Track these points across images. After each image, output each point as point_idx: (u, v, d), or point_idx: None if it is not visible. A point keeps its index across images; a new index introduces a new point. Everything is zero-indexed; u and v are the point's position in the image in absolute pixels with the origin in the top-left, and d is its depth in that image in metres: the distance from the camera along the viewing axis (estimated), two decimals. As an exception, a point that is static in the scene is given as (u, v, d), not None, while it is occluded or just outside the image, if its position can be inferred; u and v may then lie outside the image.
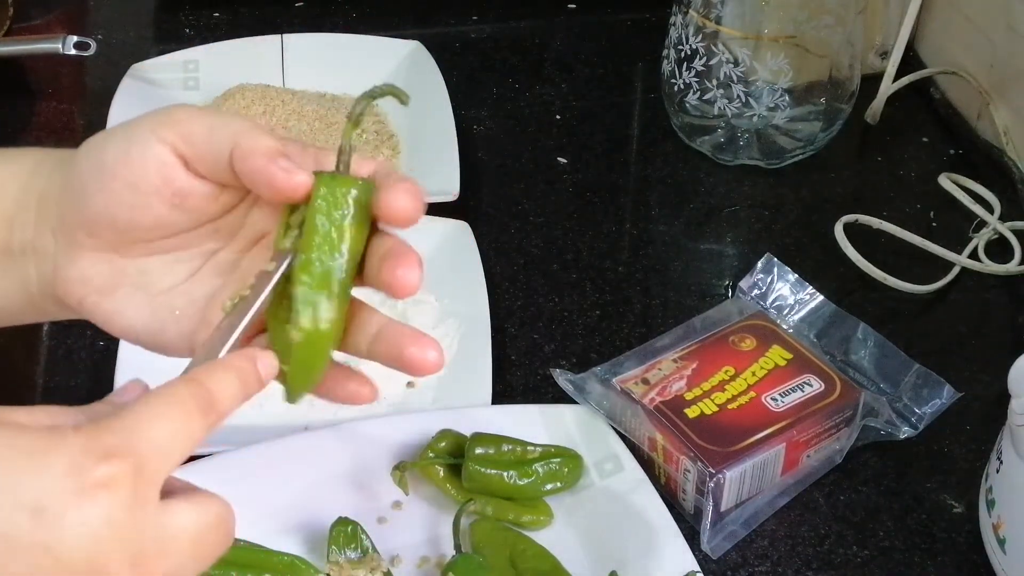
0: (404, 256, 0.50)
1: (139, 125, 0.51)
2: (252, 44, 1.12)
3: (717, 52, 0.98)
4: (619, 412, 0.78)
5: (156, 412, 0.43)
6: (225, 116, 0.51)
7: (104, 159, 0.51)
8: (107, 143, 0.51)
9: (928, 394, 0.81)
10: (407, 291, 0.49)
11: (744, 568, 0.74)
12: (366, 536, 0.71)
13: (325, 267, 0.49)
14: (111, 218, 0.51)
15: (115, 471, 0.40)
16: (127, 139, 0.51)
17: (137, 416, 0.43)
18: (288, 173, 0.49)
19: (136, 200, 0.51)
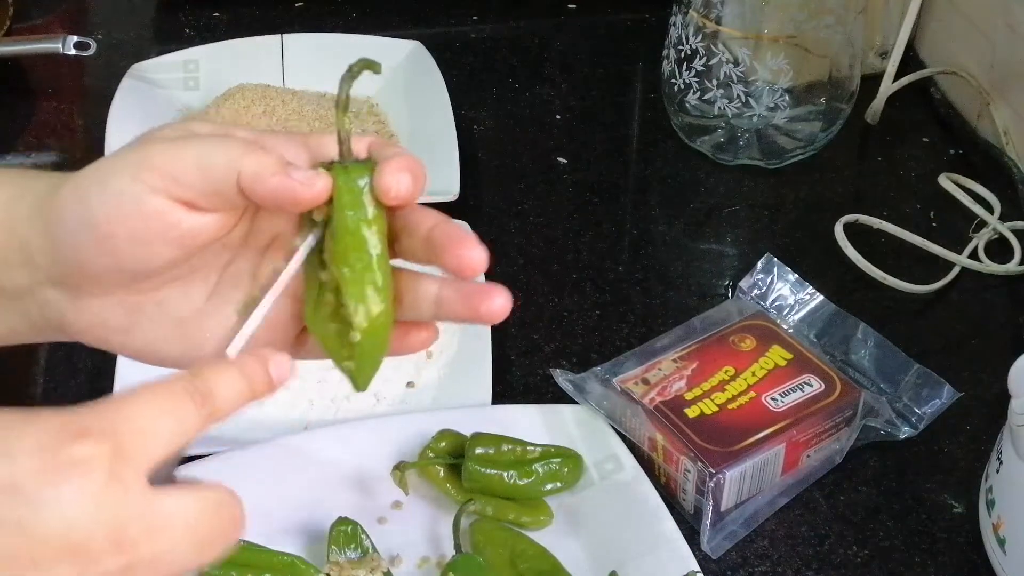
0: (460, 240, 0.49)
1: (119, 174, 0.48)
2: (252, 44, 1.12)
3: (717, 52, 0.98)
4: (619, 412, 0.78)
5: (143, 398, 0.42)
6: (206, 143, 0.48)
7: (93, 217, 0.48)
8: (89, 198, 0.48)
9: (928, 394, 0.81)
10: (477, 271, 0.49)
11: (744, 568, 0.74)
12: (366, 536, 0.71)
13: (363, 261, 0.49)
14: (117, 271, 0.49)
15: (90, 450, 0.39)
16: (114, 194, 0.48)
17: (121, 401, 0.42)
18: (308, 185, 0.47)
19: (142, 251, 0.49)
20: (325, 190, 0.48)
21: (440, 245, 0.49)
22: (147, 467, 0.41)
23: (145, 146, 0.49)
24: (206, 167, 0.47)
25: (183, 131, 0.51)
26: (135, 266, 0.49)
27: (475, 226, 0.93)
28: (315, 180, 0.48)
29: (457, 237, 0.49)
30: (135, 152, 0.49)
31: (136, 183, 0.47)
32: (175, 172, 0.47)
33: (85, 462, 0.39)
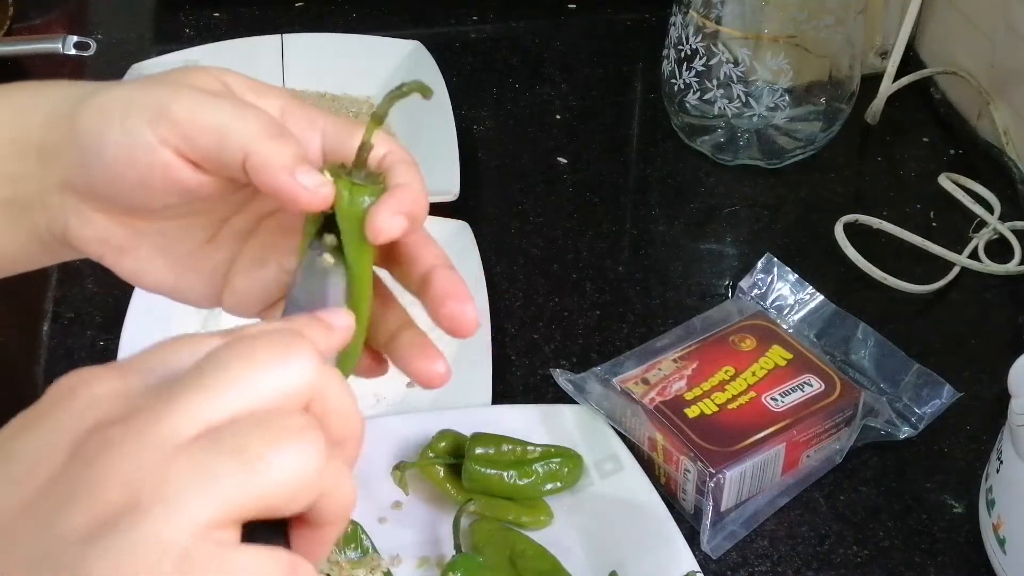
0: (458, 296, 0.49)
1: (138, 116, 0.48)
2: (252, 44, 1.12)
3: (717, 52, 0.98)
4: (619, 412, 0.78)
5: None
6: (229, 111, 0.48)
7: (105, 151, 0.48)
8: (105, 134, 0.48)
9: (928, 394, 0.81)
10: (468, 334, 0.49)
11: (744, 568, 0.74)
12: (366, 536, 0.71)
13: (355, 275, 0.48)
14: (121, 200, 0.50)
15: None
16: (128, 136, 0.48)
17: None
18: (310, 191, 0.47)
19: (145, 193, 0.49)
20: (326, 201, 0.47)
21: (438, 295, 0.49)
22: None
23: (172, 92, 0.49)
24: (222, 137, 0.47)
25: (216, 84, 0.50)
26: (137, 203, 0.50)
27: (475, 226, 0.93)
28: (319, 189, 0.47)
29: (455, 292, 0.49)
30: (161, 92, 0.48)
31: (151, 132, 0.47)
32: (191, 133, 0.47)
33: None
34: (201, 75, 0.51)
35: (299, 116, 0.51)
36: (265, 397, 0.38)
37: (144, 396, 0.38)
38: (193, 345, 0.40)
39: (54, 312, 0.88)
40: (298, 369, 0.39)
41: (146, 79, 0.51)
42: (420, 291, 0.50)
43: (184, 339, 0.41)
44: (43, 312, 0.89)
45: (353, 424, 0.42)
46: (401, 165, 0.50)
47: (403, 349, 0.51)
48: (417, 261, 0.50)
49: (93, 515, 0.35)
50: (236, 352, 0.38)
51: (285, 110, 0.51)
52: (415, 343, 0.51)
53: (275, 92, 0.52)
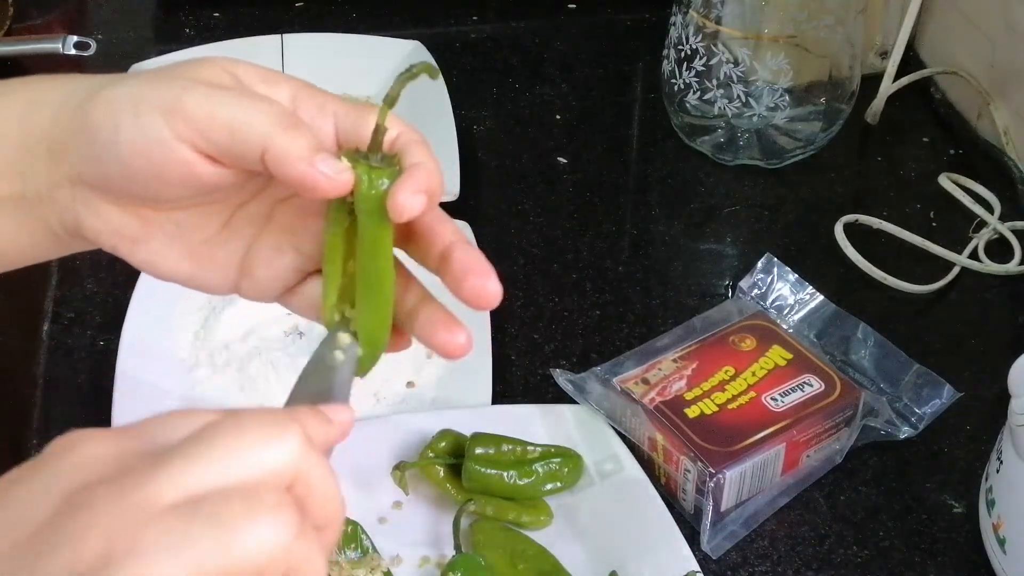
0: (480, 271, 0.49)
1: (151, 112, 0.48)
2: (252, 44, 1.11)
3: (717, 52, 0.98)
4: (619, 412, 0.78)
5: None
6: (243, 105, 0.48)
7: (120, 148, 0.48)
8: (120, 131, 0.48)
9: (928, 394, 0.81)
10: (492, 304, 0.49)
11: (744, 568, 0.74)
12: (366, 536, 0.71)
13: (374, 268, 0.49)
14: (136, 193, 0.50)
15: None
16: (142, 132, 0.48)
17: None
18: (331, 179, 0.47)
19: (161, 186, 0.49)
20: (347, 186, 0.48)
21: (458, 272, 0.49)
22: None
23: (183, 86, 0.49)
24: (237, 131, 0.47)
25: (226, 76, 0.51)
26: (152, 195, 0.50)
27: (475, 226, 0.93)
28: (339, 175, 0.47)
29: (476, 267, 0.49)
30: (172, 87, 0.49)
31: (166, 128, 0.48)
32: (206, 128, 0.48)
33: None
34: (210, 67, 0.51)
35: (311, 103, 0.51)
36: (248, 472, 0.39)
37: (136, 460, 0.39)
38: (189, 418, 0.41)
39: (54, 312, 0.88)
40: (284, 450, 0.40)
41: (155, 72, 0.51)
42: (440, 268, 0.50)
43: (182, 412, 0.42)
44: (43, 312, 0.89)
45: (333, 509, 0.43)
46: (414, 145, 0.50)
47: (424, 324, 0.51)
48: (435, 239, 0.50)
49: (71, 566, 0.36)
50: (227, 428, 0.40)
51: (297, 97, 0.52)
52: (435, 318, 0.51)
53: (286, 80, 0.52)
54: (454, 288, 0.49)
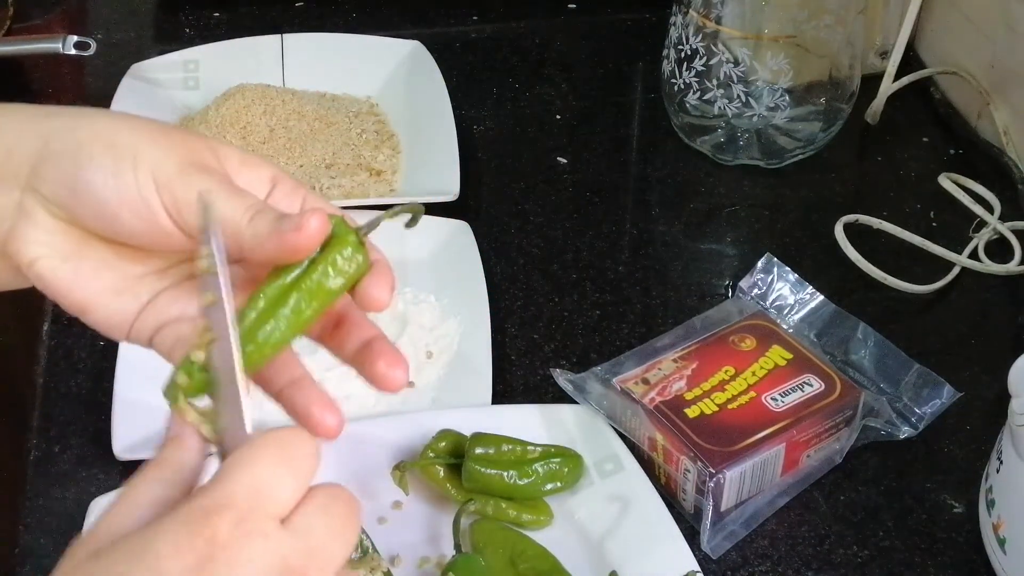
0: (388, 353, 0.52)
1: (146, 174, 0.51)
2: (252, 44, 1.12)
3: (717, 52, 0.98)
4: (619, 412, 0.78)
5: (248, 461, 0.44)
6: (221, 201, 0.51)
7: (107, 191, 0.51)
8: (117, 175, 0.51)
9: (928, 394, 0.81)
10: (395, 388, 0.52)
11: (744, 568, 0.74)
12: (366, 536, 0.71)
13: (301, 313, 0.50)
14: (96, 226, 0.52)
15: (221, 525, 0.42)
16: (135, 188, 0.50)
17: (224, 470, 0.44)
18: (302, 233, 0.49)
19: (127, 231, 0.51)
20: (322, 234, 0.50)
21: (371, 355, 0.52)
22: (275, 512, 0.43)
23: (181, 167, 0.51)
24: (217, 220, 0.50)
25: (211, 157, 0.53)
26: (114, 233, 0.52)
27: (475, 226, 0.93)
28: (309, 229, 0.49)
29: (392, 355, 0.52)
30: (171, 159, 0.51)
31: (155, 195, 0.50)
32: (187, 211, 0.50)
33: (221, 537, 0.41)
34: (199, 144, 0.53)
35: (287, 185, 0.54)
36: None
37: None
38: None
39: (54, 312, 0.88)
40: None
41: (153, 127, 0.53)
42: (352, 359, 0.53)
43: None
44: (43, 312, 0.89)
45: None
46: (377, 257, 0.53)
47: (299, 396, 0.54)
48: (358, 330, 0.53)
49: None
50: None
51: (276, 179, 0.54)
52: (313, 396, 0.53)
53: (266, 164, 0.55)
54: (366, 366, 0.52)
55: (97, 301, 0.53)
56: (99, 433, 0.77)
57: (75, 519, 0.72)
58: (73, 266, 0.53)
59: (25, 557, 0.73)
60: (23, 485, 0.77)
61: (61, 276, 0.53)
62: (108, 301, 0.53)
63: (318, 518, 0.44)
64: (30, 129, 0.52)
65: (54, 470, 0.78)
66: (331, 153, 1.02)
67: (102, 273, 0.53)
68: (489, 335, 0.83)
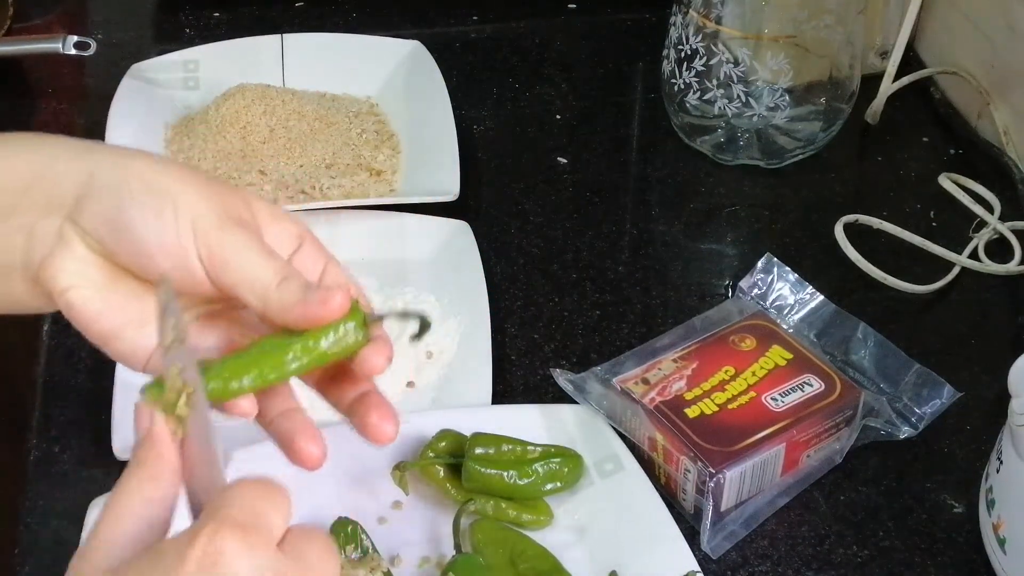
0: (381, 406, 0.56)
1: (186, 222, 0.53)
2: (252, 44, 1.12)
3: (717, 52, 0.98)
4: (619, 412, 0.78)
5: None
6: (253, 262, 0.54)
7: (148, 232, 0.53)
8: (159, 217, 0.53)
9: (928, 394, 0.81)
10: (384, 441, 0.56)
11: (744, 568, 0.74)
12: (366, 536, 0.71)
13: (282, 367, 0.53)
14: (132, 261, 0.54)
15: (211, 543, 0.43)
16: (173, 232, 0.53)
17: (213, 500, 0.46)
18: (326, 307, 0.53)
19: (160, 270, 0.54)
20: (343, 309, 0.53)
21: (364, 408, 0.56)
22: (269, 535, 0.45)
23: (221, 221, 0.54)
24: (241, 284, 0.54)
25: (244, 209, 0.56)
26: (146, 270, 0.54)
27: (475, 226, 0.93)
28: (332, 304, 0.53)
29: (384, 408, 0.56)
30: (211, 211, 0.54)
31: (193, 244, 0.53)
32: (220, 268, 0.54)
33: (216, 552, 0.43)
34: (235, 197, 0.56)
35: (314, 247, 0.58)
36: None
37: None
38: None
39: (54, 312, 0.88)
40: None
41: (193, 174, 0.55)
42: (346, 409, 0.57)
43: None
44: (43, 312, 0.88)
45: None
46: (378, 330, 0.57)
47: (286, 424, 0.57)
48: (354, 386, 0.57)
49: None
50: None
51: (303, 238, 0.58)
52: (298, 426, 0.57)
53: (294, 221, 0.58)
54: (359, 421, 0.56)
55: (122, 333, 0.56)
56: (99, 433, 0.77)
57: (75, 519, 0.72)
58: (103, 297, 0.55)
59: (25, 557, 0.73)
60: (23, 485, 0.77)
61: (91, 306, 0.55)
62: (132, 333, 0.56)
63: (305, 546, 0.46)
64: (77, 160, 0.55)
65: (54, 470, 0.78)
66: (331, 153, 1.02)
67: (129, 306, 0.55)
68: (489, 335, 0.83)
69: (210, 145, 1.01)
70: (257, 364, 0.53)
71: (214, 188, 0.55)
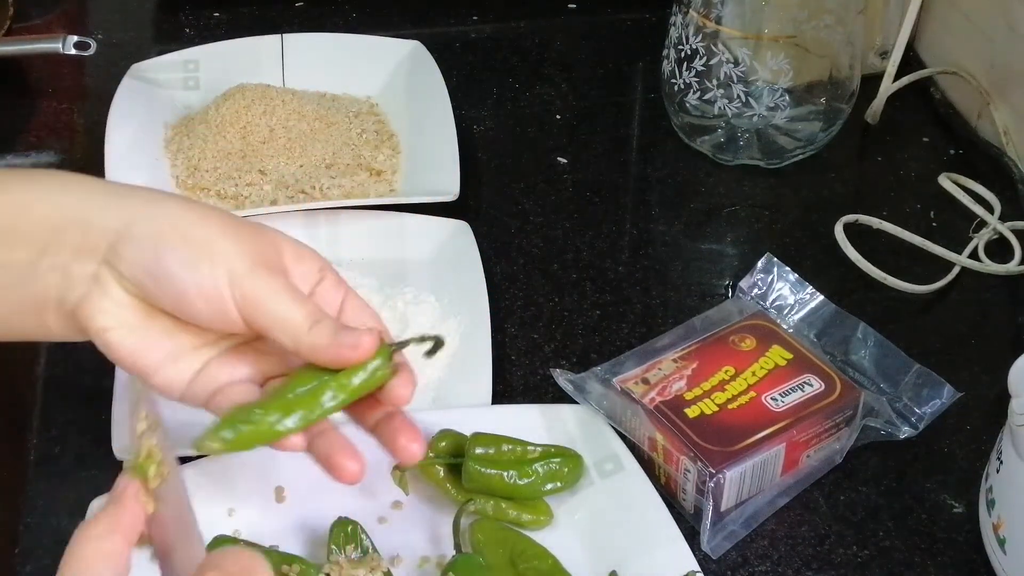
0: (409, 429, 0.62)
1: (221, 269, 0.57)
2: (252, 44, 1.12)
3: (717, 52, 0.98)
4: (619, 412, 0.78)
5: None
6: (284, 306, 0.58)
7: (184, 280, 0.57)
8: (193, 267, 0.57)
9: (928, 394, 0.81)
10: (414, 461, 0.62)
11: (744, 568, 0.74)
12: (366, 536, 0.71)
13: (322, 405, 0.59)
14: (165, 304, 0.58)
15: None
16: (209, 279, 0.57)
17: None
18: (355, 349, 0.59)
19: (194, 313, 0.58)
20: (369, 353, 0.59)
21: (392, 431, 0.62)
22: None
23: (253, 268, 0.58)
24: (274, 326, 0.58)
25: (273, 252, 0.60)
26: (180, 312, 0.59)
27: (475, 226, 0.93)
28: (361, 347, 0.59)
29: (411, 431, 0.62)
30: (244, 259, 0.58)
31: (227, 289, 0.58)
32: (252, 312, 0.58)
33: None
34: (263, 240, 0.60)
35: (333, 279, 0.63)
36: None
37: None
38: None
39: (54, 312, 0.88)
40: None
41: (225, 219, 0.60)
42: (375, 430, 0.63)
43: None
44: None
45: None
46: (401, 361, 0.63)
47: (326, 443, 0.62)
48: (381, 408, 0.63)
49: None
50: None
51: (323, 271, 0.62)
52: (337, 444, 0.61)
53: (315, 256, 0.63)
54: (389, 443, 0.62)
55: (157, 368, 0.59)
56: (99, 433, 0.77)
57: (75, 519, 0.72)
58: (140, 336, 0.59)
59: (25, 557, 0.73)
60: (23, 485, 0.77)
61: (128, 345, 0.59)
62: (167, 368, 0.60)
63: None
64: (111, 208, 0.58)
65: (54, 470, 0.78)
66: (331, 153, 1.02)
67: (163, 343, 0.59)
68: (489, 335, 0.83)
69: (210, 145, 1.01)
70: (300, 405, 0.58)
71: (245, 233, 0.59)
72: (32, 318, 0.59)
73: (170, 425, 0.74)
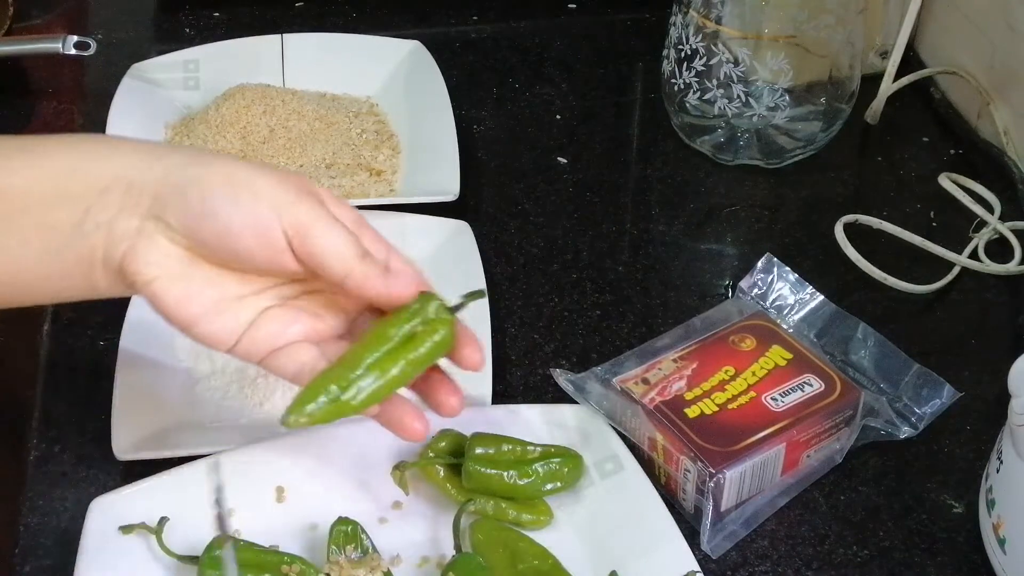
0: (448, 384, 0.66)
1: (268, 202, 0.59)
2: (252, 44, 1.12)
3: (717, 52, 0.98)
4: (619, 412, 0.78)
5: None
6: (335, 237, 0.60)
7: (231, 218, 0.58)
8: (238, 204, 0.59)
9: (928, 394, 0.82)
10: (454, 413, 0.66)
11: (744, 568, 0.74)
12: (366, 536, 0.71)
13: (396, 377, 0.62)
14: (212, 248, 0.59)
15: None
16: (256, 215, 0.59)
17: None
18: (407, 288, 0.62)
19: (244, 255, 0.60)
20: (413, 294, 0.63)
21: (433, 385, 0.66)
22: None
23: (299, 197, 0.60)
24: (327, 255, 0.60)
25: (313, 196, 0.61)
26: (229, 257, 0.60)
27: (475, 226, 0.93)
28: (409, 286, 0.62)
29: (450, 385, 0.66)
30: (288, 191, 0.60)
31: (277, 221, 0.59)
32: (303, 241, 0.59)
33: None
34: (304, 181, 0.62)
35: (372, 233, 0.64)
36: None
37: None
38: None
39: (54, 312, 0.88)
40: None
41: (262, 166, 0.62)
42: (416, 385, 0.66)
43: None
44: (43, 312, 0.89)
45: None
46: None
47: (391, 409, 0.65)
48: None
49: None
50: None
51: (358, 222, 0.63)
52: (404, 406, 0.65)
53: (348, 207, 0.64)
54: (431, 399, 0.66)
55: (202, 317, 0.61)
56: (99, 433, 0.77)
57: (75, 519, 0.72)
58: (184, 285, 0.60)
59: (25, 557, 0.73)
60: (23, 485, 0.77)
61: (173, 294, 0.60)
62: (212, 318, 0.61)
63: None
64: (153, 165, 0.60)
65: (54, 470, 0.78)
66: (331, 153, 1.02)
67: (207, 292, 0.61)
68: (489, 335, 0.83)
69: (210, 145, 1.01)
70: (375, 378, 0.61)
71: (283, 174, 0.61)
72: (80, 279, 0.60)
73: (170, 425, 0.74)
